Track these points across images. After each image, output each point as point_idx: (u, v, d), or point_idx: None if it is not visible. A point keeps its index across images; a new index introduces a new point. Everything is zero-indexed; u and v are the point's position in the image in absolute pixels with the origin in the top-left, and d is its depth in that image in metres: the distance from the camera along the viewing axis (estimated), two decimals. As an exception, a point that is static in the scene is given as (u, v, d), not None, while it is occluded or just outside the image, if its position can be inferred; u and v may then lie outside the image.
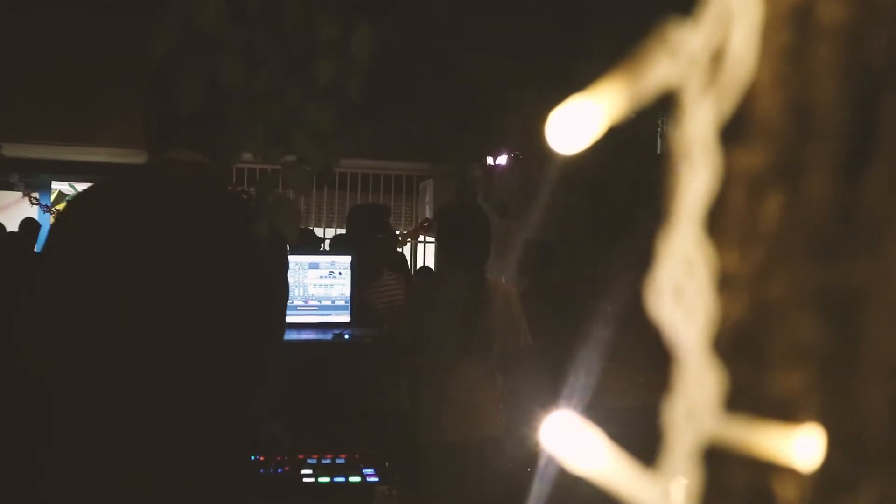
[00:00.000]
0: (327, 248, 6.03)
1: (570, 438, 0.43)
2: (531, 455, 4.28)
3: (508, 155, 8.45)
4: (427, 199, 9.63)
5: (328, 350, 3.98)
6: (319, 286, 4.33)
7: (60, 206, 9.69)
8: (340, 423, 3.77)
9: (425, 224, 8.64)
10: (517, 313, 3.82)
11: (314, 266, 4.33)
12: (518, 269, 6.22)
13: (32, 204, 9.95)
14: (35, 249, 7.36)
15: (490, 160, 8.66)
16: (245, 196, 2.44)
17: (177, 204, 2.13)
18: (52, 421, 2.03)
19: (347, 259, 4.37)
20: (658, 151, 5.48)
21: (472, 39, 6.03)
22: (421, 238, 9.38)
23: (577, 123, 0.46)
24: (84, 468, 1.99)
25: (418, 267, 8.77)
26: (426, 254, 9.70)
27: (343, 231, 6.45)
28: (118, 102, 7.92)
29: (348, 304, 4.34)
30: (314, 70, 1.94)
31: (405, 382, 4.23)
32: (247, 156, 2.18)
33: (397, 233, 6.63)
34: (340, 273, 4.35)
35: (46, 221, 9.42)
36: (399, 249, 7.23)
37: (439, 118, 7.53)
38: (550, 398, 4.52)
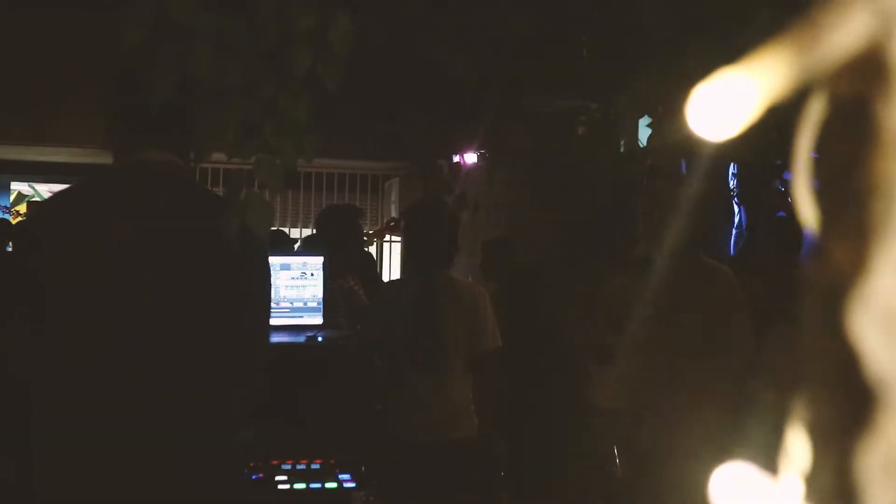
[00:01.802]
0: (299, 248, 5.96)
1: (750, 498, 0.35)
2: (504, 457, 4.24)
3: (475, 153, 8.40)
4: (393, 199, 9.56)
5: (301, 353, 3.90)
6: (291, 287, 4.25)
7: (20, 208, 9.51)
8: (315, 426, 3.70)
9: (391, 224, 8.58)
10: (485, 314, 3.77)
11: (286, 267, 4.25)
12: (483, 273, 6.16)
13: (-9, 206, 9.76)
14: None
15: (456, 158, 8.60)
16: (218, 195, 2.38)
17: (152, 207, 2.13)
18: (33, 422, 2.04)
19: (319, 260, 4.30)
20: (621, 150, 5.43)
21: (440, 35, 5.97)
22: (387, 238, 9.31)
23: (726, 103, 0.37)
24: (67, 468, 2.00)
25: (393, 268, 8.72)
26: (392, 254, 9.62)
27: (310, 231, 6.40)
28: (78, 101, 7.78)
29: (321, 306, 4.27)
30: (289, 61, 1.87)
31: (378, 383, 4.18)
32: (217, 155, 2.13)
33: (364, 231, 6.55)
34: (312, 274, 4.27)
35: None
36: (366, 249, 7.16)
37: (405, 116, 7.46)
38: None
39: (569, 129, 5.38)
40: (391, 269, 9.52)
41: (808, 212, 0.40)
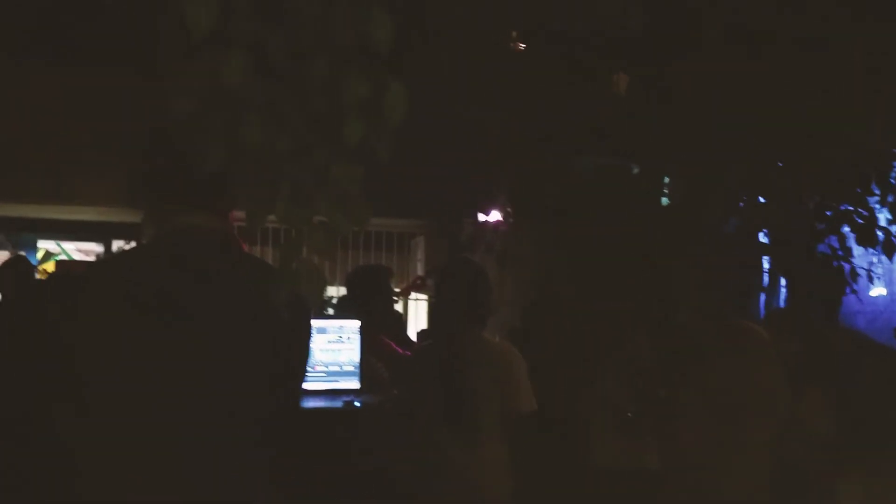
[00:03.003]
0: (331, 311, 5.94)
1: None
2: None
3: (499, 210, 8.40)
4: (419, 257, 9.56)
5: (339, 418, 3.86)
6: (327, 351, 4.22)
7: (48, 266, 9.55)
8: (353, 492, 3.66)
9: (418, 282, 8.57)
10: (518, 376, 3.72)
11: (322, 331, 4.22)
12: (525, 336, 6.10)
13: (20, 263, 9.78)
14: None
15: (481, 216, 8.61)
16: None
17: (197, 274, 2.11)
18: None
19: (356, 324, 4.27)
20: (663, 204, 5.38)
21: (467, 96, 6.00)
22: (413, 296, 9.29)
23: None
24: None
25: (419, 329, 8.65)
26: (418, 312, 9.60)
27: (334, 289, 6.39)
28: (103, 161, 7.86)
29: (357, 370, 4.23)
30: (342, 129, 1.86)
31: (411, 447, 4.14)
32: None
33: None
34: (349, 338, 4.24)
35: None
36: (396, 309, 7.13)
37: (432, 174, 7.49)
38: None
39: (603, 187, 5.37)
40: (417, 327, 9.48)
41: None
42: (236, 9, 1.73)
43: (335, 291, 7.94)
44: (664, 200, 5.28)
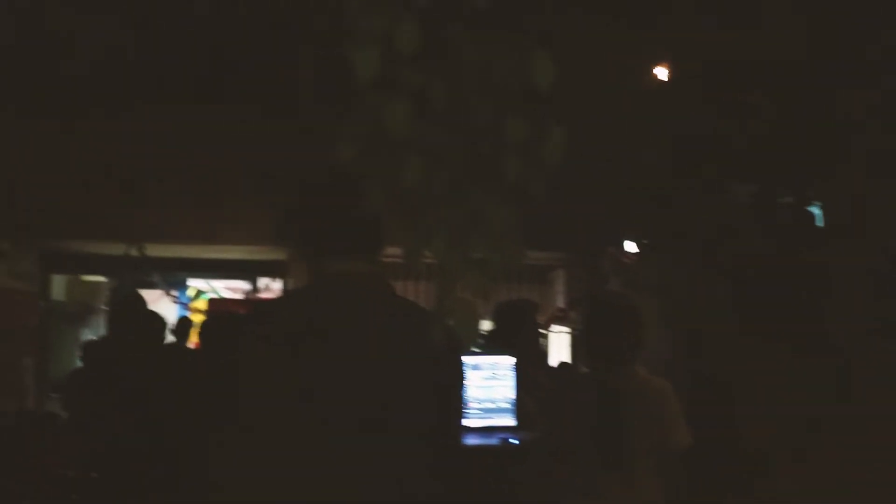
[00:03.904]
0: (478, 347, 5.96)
1: None
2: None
3: (641, 241, 8.30)
4: (558, 289, 9.49)
5: (496, 456, 3.84)
6: (481, 388, 4.23)
7: (199, 304, 9.85)
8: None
9: (559, 314, 8.50)
10: (672, 411, 3.64)
11: (476, 368, 4.24)
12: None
13: (173, 302, 10.10)
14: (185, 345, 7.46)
15: (623, 247, 8.52)
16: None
17: (354, 319, 2.13)
18: None
19: (511, 360, 4.27)
20: (818, 225, 5.21)
21: (609, 128, 5.97)
22: (553, 329, 9.21)
23: None
24: None
25: (559, 363, 8.59)
26: (559, 345, 9.51)
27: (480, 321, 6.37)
28: (250, 203, 8.07)
29: (512, 407, 4.23)
30: (498, 170, 1.86)
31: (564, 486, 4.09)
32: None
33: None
34: (503, 374, 4.25)
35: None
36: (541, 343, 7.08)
37: (573, 207, 7.43)
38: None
39: (753, 214, 5.25)
40: (557, 359, 9.39)
41: None
42: (399, 55, 1.75)
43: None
44: (819, 221, 5.13)
